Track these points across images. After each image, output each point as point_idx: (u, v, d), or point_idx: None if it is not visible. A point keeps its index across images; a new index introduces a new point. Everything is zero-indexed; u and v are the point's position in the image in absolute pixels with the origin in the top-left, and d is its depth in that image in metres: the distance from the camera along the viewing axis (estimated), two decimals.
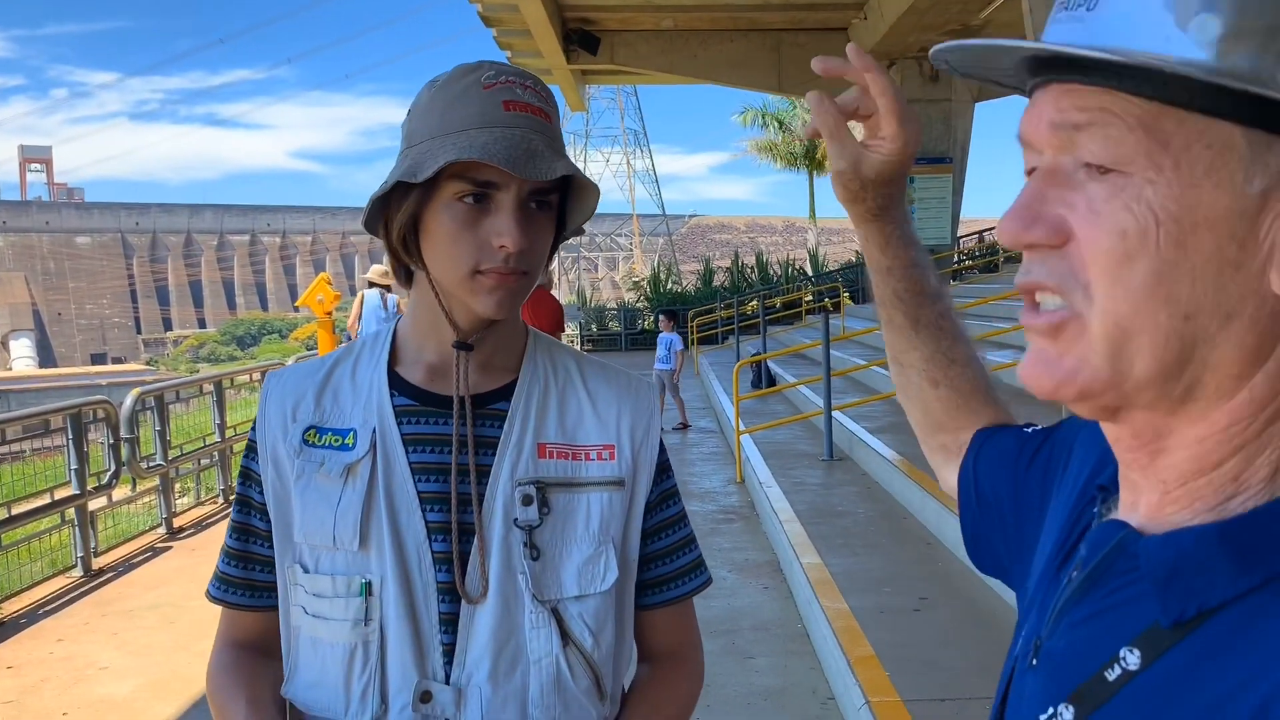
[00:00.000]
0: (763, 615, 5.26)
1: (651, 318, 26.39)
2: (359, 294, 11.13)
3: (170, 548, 7.42)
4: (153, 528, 7.82)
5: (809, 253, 32.43)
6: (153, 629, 5.51)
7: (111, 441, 7.09)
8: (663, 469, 1.28)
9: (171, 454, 8.10)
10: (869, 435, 8.20)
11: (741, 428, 8.84)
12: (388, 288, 10.81)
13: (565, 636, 1.17)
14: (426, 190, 1.10)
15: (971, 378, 1.01)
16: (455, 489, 1.16)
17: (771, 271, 29.48)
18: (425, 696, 1.13)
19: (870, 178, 0.93)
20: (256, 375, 10.23)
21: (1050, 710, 0.61)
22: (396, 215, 1.13)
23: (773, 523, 6.52)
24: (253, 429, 1.25)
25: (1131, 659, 0.57)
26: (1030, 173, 0.62)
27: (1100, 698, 0.58)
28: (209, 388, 9.19)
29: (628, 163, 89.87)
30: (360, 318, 10.74)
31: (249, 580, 1.24)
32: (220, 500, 8.87)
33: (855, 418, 9.00)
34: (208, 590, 1.28)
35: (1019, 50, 0.60)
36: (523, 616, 1.15)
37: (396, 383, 1.21)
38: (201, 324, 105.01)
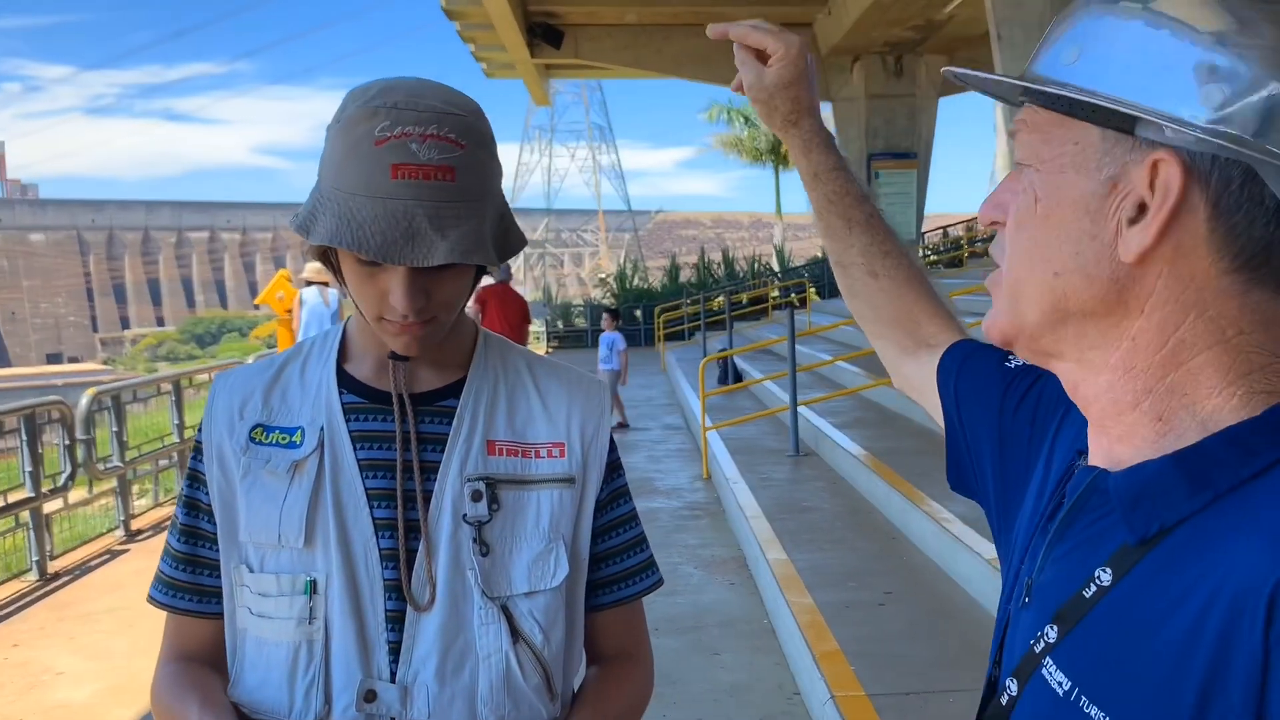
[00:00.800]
0: (729, 611, 5.25)
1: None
2: (296, 295, 10.91)
3: (128, 550, 7.30)
4: (110, 530, 7.69)
5: (775, 248, 32.58)
6: (110, 633, 5.42)
7: (67, 443, 6.96)
8: (613, 467, 1.27)
9: (129, 455, 7.96)
10: (834, 430, 8.24)
11: (708, 424, 8.84)
12: (326, 284, 10.66)
13: (515, 633, 1.15)
14: None
15: (907, 267, 1.15)
16: (401, 485, 1.15)
17: (738, 267, 29.53)
18: (370, 695, 1.11)
19: (772, 82, 1.13)
20: (216, 374, 10.06)
21: (1038, 633, 0.71)
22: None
23: (739, 519, 6.52)
24: (199, 430, 1.23)
25: (1105, 576, 0.67)
26: None
27: (1080, 613, 0.68)
28: (167, 387, 9.05)
29: (593, 158, 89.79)
30: (303, 321, 10.49)
31: (197, 584, 1.22)
32: None
33: (821, 413, 9.04)
34: (150, 594, 1.24)
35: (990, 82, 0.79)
36: (471, 613, 1.14)
37: (345, 380, 1.20)
38: (160, 322, 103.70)
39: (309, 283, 10.72)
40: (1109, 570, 0.67)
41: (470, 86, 1.12)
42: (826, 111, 23.84)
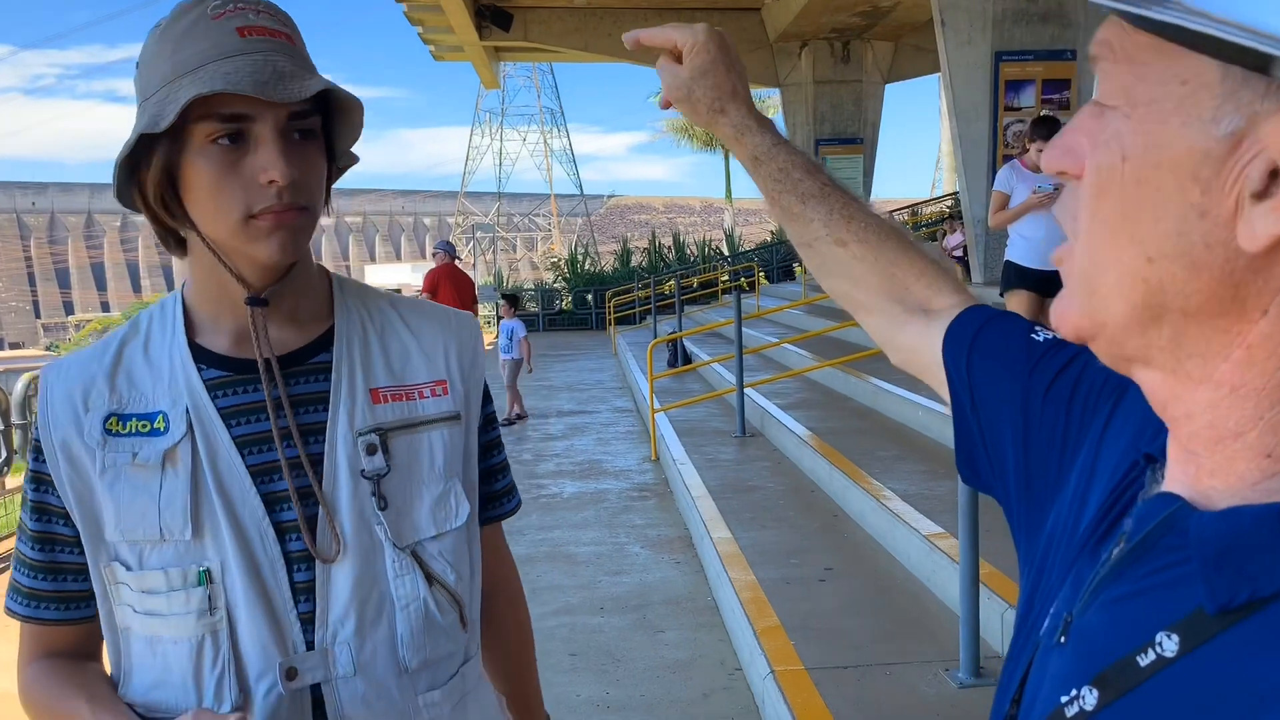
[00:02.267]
0: (673, 590, 5.31)
1: (570, 298, 26.33)
2: None
3: None
4: None
5: (725, 233, 32.71)
6: None
7: (2, 428, 6.84)
8: (485, 394, 1.29)
9: None
10: (780, 412, 8.33)
11: (656, 406, 8.89)
12: None
13: (429, 577, 1.16)
14: (175, 140, 1.02)
15: (876, 226, 1.01)
16: (283, 455, 1.11)
17: (689, 252, 29.64)
18: (291, 673, 1.09)
19: (687, 75, 1.05)
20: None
21: (1073, 691, 0.57)
22: (148, 175, 1.05)
23: (685, 499, 6.58)
24: (35, 429, 1.13)
25: (1169, 644, 0.52)
26: None
27: (1128, 683, 0.53)
28: None
29: (545, 142, 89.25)
30: None
31: (61, 592, 1.14)
32: None
33: (768, 395, 9.13)
34: (9, 608, 1.16)
35: None
36: (384, 565, 1.14)
37: (201, 355, 1.13)
38: (105, 307, 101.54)
39: None
40: (1175, 638, 0.52)
41: (419, 68, 1.13)
42: (774, 98, 23.89)
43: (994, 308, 0.92)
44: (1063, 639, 0.60)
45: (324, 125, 1.11)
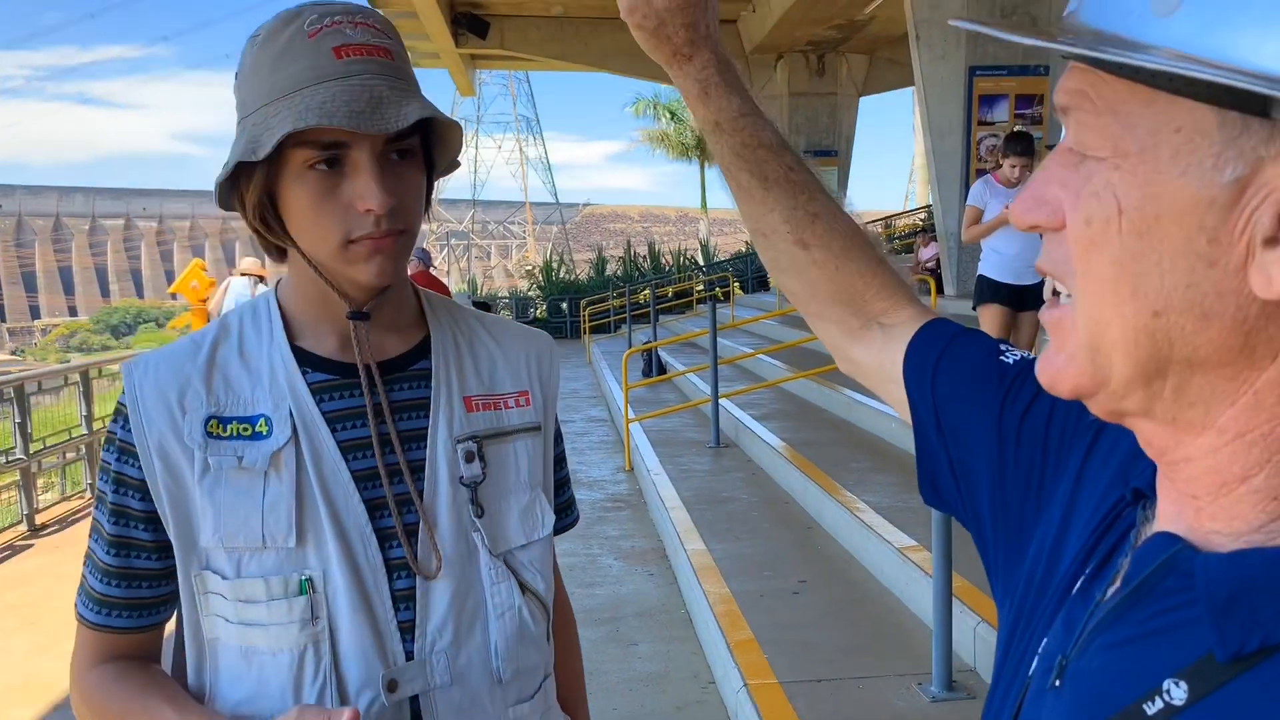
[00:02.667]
0: (647, 602, 5.28)
1: (545, 306, 26.28)
2: (226, 280, 10.74)
3: (32, 545, 7.06)
4: (13, 525, 7.45)
5: (700, 243, 32.79)
6: (11, 631, 5.25)
7: None
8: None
9: (34, 447, 7.72)
10: (754, 422, 8.33)
11: (631, 416, 8.87)
12: (261, 279, 10.49)
13: (522, 586, 1.17)
14: (272, 164, 1.02)
15: (843, 232, 0.93)
16: (382, 461, 1.10)
17: (664, 261, 29.67)
18: (393, 685, 1.07)
19: (663, 5, 0.88)
20: (125, 364, 9.80)
21: None
22: (248, 194, 1.05)
23: (659, 510, 6.56)
24: (123, 428, 1.09)
25: (1177, 692, 0.50)
26: None
27: None
28: (75, 378, 8.78)
29: (520, 150, 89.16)
30: (222, 306, 10.40)
31: (134, 599, 1.11)
32: (88, 495, 8.49)
33: (742, 405, 9.13)
34: (81, 614, 1.13)
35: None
36: (480, 574, 1.13)
37: (304, 358, 1.12)
38: (72, 312, 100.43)
39: (243, 274, 10.54)
40: (1183, 685, 0.50)
41: None
42: None
43: (955, 323, 0.88)
44: (1058, 682, 0.58)
45: (423, 139, 1.10)
